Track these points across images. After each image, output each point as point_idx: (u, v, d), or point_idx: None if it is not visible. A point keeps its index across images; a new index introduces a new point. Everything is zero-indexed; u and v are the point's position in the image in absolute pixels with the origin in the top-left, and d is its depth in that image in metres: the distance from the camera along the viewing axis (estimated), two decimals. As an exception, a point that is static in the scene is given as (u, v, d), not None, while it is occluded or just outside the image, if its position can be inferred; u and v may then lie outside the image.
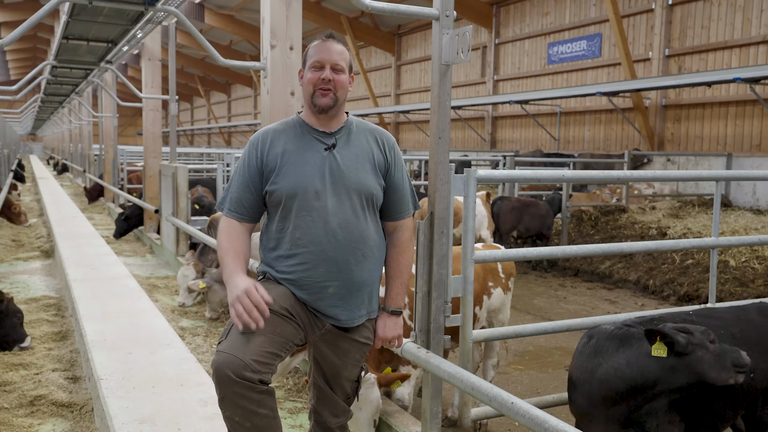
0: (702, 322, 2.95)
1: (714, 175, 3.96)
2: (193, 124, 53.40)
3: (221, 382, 2.19)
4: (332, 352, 2.54)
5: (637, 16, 15.66)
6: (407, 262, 2.62)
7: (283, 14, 4.90)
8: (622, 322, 2.80)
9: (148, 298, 5.87)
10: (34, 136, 62.84)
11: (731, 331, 2.93)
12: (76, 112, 22.49)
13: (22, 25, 4.70)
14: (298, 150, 2.45)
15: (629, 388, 2.58)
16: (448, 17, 2.93)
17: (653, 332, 2.54)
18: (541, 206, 9.76)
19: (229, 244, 2.42)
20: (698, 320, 2.97)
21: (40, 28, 31.23)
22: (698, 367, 2.53)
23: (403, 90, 25.17)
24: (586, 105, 17.37)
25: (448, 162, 3.00)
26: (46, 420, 3.90)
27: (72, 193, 19.48)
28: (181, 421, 3.29)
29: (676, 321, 2.88)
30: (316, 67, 2.44)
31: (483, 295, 4.11)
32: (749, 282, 7.56)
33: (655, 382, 2.56)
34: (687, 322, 2.92)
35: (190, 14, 24.12)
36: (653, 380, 2.56)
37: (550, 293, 8.35)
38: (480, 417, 3.29)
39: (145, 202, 10.79)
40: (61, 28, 8.73)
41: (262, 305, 2.23)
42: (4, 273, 8.17)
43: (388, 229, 2.61)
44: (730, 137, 13.68)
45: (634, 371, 2.57)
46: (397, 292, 2.61)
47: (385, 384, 3.29)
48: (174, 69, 8.84)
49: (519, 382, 5.11)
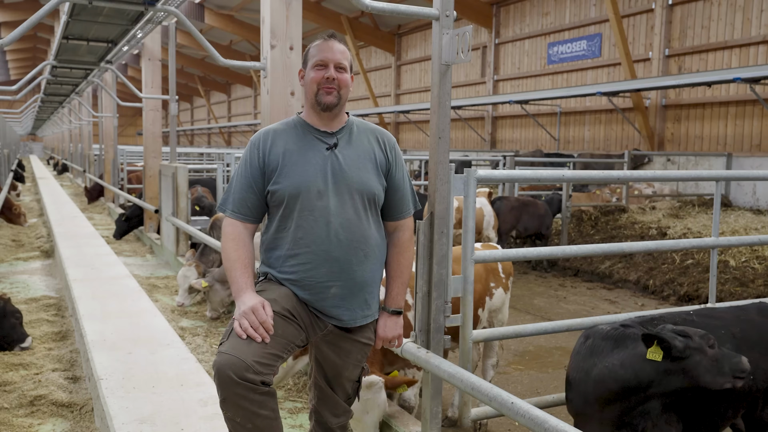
0: (702, 321, 2.95)
1: (714, 175, 3.96)
2: (193, 124, 53.40)
3: (223, 383, 2.19)
4: (333, 352, 2.54)
5: (637, 16, 15.66)
6: (408, 262, 2.63)
7: (283, 14, 4.90)
8: (620, 322, 2.79)
9: (148, 298, 5.87)
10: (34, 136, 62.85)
11: (732, 331, 2.93)
12: (76, 112, 22.49)
13: (22, 25, 4.70)
14: (300, 150, 2.45)
15: (623, 389, 2.58)
16: (448, 17, 2.93)
17: (651, 336, 2.53)
18: (540, 206, 9.77)
19: (237, 255, 2.41)
20: (698, 320, 2.97)
21: (40, 28, 31.24)
22: (693, 371, 2.52)
23: (403, 90, 25.18)
24: (586, 105, 17.37)
25: (448, 162, 3.00)
26: (46, 420, 3.90)
27: (72, 193, 19.48)
28: (181, 421, 3.29)
29: (676, 321, 2.88)
30: (320, 66, 2.45)
31: (485, 296, 4.12)
32: (749, 282, 7.56)
33: (648, 384, 2.56)
34: (687, 322, 2.91)
35: (190, 14, 24.13)
36: (647, 382, 2.55)
37: (550, 293, 8.35)
38: (480, 417, 3.29)
39: (145, 202, 10.79)
40: (61, 28, 8.73)
41: (268, 324, 2.26)
42: (4, 273, 8.17)
43: (389, 229, 2.61)
44: (730, 137, 13.68)
45: (628, 372, 2.56)
46: (397, 292, 2.61)
47: (391, 387, 3.28)
48: (174, 69, 8.84)
49: (519, 382, 5.11)
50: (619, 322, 2.81)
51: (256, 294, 2.35)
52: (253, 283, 2.40)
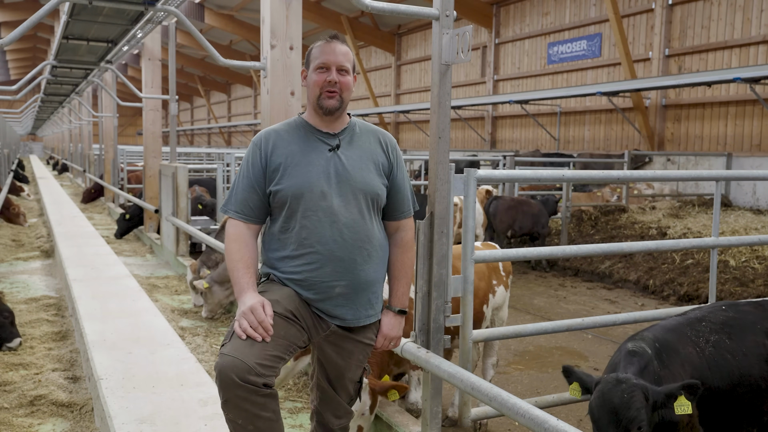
0: (731, 317, 2.96)
1: (714, 175, 3.96)
2: (193, 124, 53.39)
3: (225, 385, 2.18)
4: (336, 353, 2.54)
5: (637, 16, 15.66)
6: (411, 261, 2.63)
7: (283, 14, 4.90)
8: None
9: (148, 298, 5.88)
10: (34, 136, 62.86)
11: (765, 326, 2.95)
12: (76, 112, 22.49)
13: (22, 25, 4.70)
14: (302, 151, 2.45)
15: None
16: (448, 17, 2.93)
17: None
18: (534, 205, 9.78)
19: (239, 255, 2.41)
20: (730, 312, 2.99)
21: (40, 28, 31.22)
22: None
23: (403, 90, 25.17)
24: (586, 105, 17.37)
25: (448, 162, 3.00)
26: (46, 420, 3.90)
27: (72, 193, 19.48)
28: (181, 421, 3.29)
29: (714, 322, 2.90)
30: (322, 69, 2.44)
31: (489, 293, 4.14)
32: (749, 282, 7.56)
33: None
34: (728, 319, 2.93)
35: (190, 14, 24.12)
36: None
37: (550, 293, 8.35)
38: (480, 417, 3.29)
39: (145, 202, 10.79)
40: (61, 28, 8.73)
41: (266, 324, 2.26)
42: (4, 273, 8.17)
43: (391, 230, 2.61)
44: (730, 137, 13.68)
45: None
46: (402, 291, 2.61)
47: (381, 392, 3.25)
48: (174, 69, 8.84)
49: (519, 382, 5.11)
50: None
51: (257, 294, 2.35)
52: (255, 283, 2.40)
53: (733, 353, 2.83)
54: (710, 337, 2.85)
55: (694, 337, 2.83)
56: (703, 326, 2.89)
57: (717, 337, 2.86)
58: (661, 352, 2.70)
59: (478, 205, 9.01)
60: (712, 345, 2.82)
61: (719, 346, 2.83)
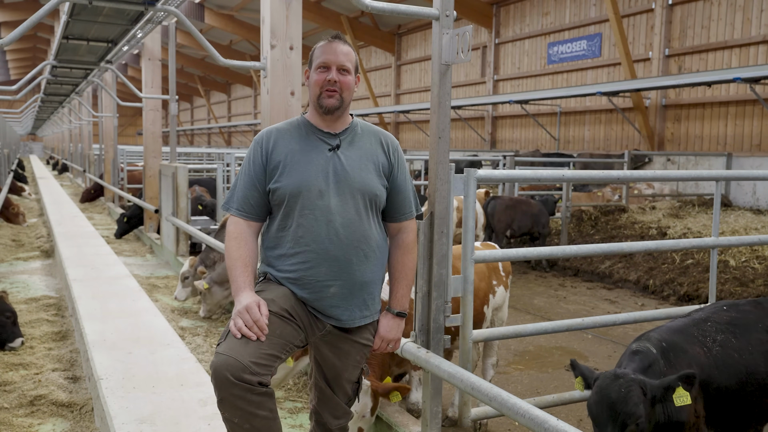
0: (735, 316, 2.97)
1: (714, 175, 3.96)
2: (193, 124, 53.39)
3: (220, 383, 2.19)
4: (333, 353, 2.54)
5: (637, 16, 15.66)
6: (412, 263, 2.62)
7: (283, 14, 4.89)
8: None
9: (148, 298, 5.88)
10: (34, 136, 62.85)
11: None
12: (76, 112, 22.49)
13: (22, 25, 4.70)
14: (303, 150, 2.46)
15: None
16: (448, 17, 2.93)
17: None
18: (533, 205, 9.78)
19: (238, 253, 2.41)
20: (732, 312, 3.00)
21: (40, 28, 31.22)
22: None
23: (403, 90, 25.17)
24: (586, 105, 17.37)
25: (448, 162, 3.00)
26: (46, 420, 3.90)
27: (72, 193, 19.48)
28: (181, 421, 3.29)
29: (719, 321, 2.90)
30: (323, 69, 2.44)
31: (489, 294, 4.14)
32: (749, 282, 7.56)
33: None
34: (732, 318, 2.93)
35: (190, 14, 24.12)
36: None
37: (550, 293, 8.34)
38: (480, 417, 3.29)
39: (145, 202, 10.79)
40: (61, 28, 8.73)
41: (261, 323, 2.26)
42: (4, 273, 8.17)
43: (392, 231, 2.61)
44: (730, 137, 13.68)
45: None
46: (403, 293, 2.60)
47: (383, 393, 3.24)
48: (174, 69, 8.84)
49: (519, 382, 5.11)
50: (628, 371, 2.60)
51: (253, 293, 2.35)
52: (253, 282, 2.40)
53: (739, 352, 2.83)
54: (717, 337, 2.85)
55: (701, 337, 2.83)
56: (709, 326, 2.90)
57: (723, 336, 2.86)
58: (668, 351, 2.70)
59: (478, 205, 9.02)
60: (719, 344, 2.83)
61: (726, 345, 2.83)
